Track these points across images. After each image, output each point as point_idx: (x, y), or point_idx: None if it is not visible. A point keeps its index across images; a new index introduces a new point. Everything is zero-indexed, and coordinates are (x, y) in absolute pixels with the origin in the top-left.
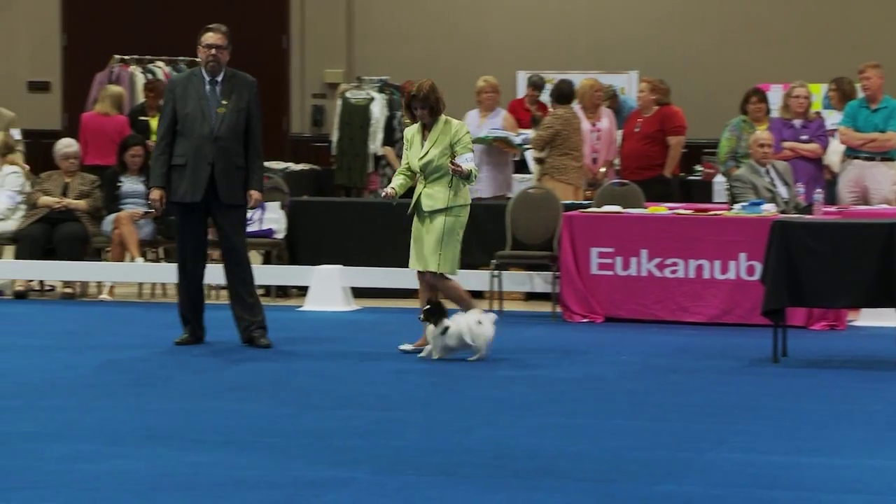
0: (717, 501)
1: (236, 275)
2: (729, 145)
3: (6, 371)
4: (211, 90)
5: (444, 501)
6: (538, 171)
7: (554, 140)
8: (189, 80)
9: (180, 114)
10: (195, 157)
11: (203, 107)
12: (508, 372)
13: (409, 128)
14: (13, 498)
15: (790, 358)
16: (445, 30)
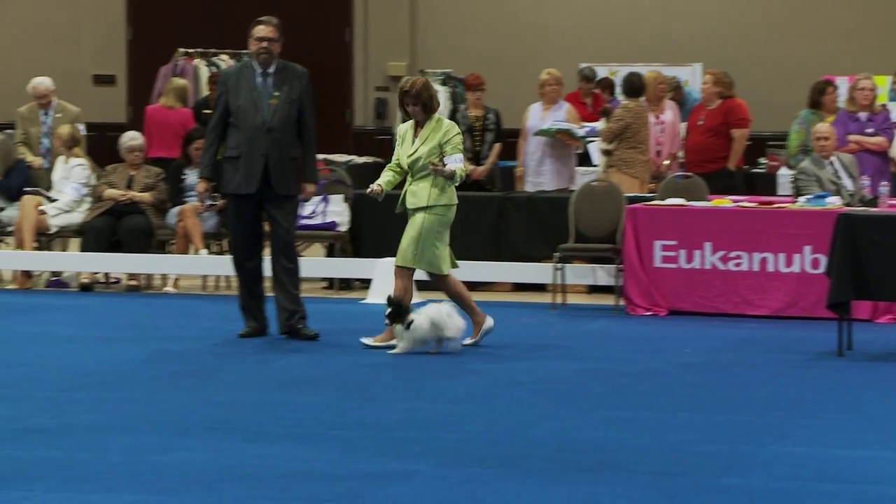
0: (779, 495)
1: (284, 265)
2: (799, 139)
3: (71, 363)
4: (262, 82)
5: (506, 494)
6: (604, 164)
7: (623, 133)
8: (241, 72)
9: (232, 106)
10: (248, 148)
11: (255, 98)
12: (571, 365)
13: (403, 124)
14: (80, 489)
15: (855, 352)
16: (508, 22)
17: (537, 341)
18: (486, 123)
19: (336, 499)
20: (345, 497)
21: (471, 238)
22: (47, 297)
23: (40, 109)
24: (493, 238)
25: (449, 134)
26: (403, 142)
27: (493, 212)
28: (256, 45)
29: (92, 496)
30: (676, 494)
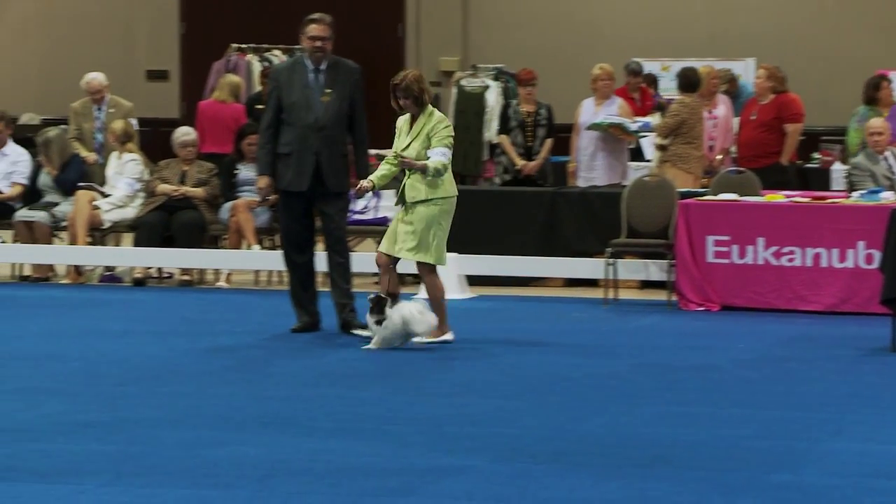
0: (833, 491)
1: (336, 260)
2: (859, 136)
3: (125, 357)
4: (314, 78)
5: (558, 489)
6: (658, 158)
7: (679, 128)
8: (293, 68)
9: (285, 102)
10: (300, 146)
11: (307, 95)
12: (623, 360)
13: (401, 117)
14: (132, 483)
15: None
16: (560, 17)
17: (589, 337)
18: (538, 119)
19: (388, 494)
20: (397, 492)
21: (523, 233)
22: (100, 291)
23: (93, 105)
24: (545, 233)
25: (438, 127)
26: (400, 135)
27: (545, 207)
28: (310, 43)
29: (144, 490)
30: (729, 490)
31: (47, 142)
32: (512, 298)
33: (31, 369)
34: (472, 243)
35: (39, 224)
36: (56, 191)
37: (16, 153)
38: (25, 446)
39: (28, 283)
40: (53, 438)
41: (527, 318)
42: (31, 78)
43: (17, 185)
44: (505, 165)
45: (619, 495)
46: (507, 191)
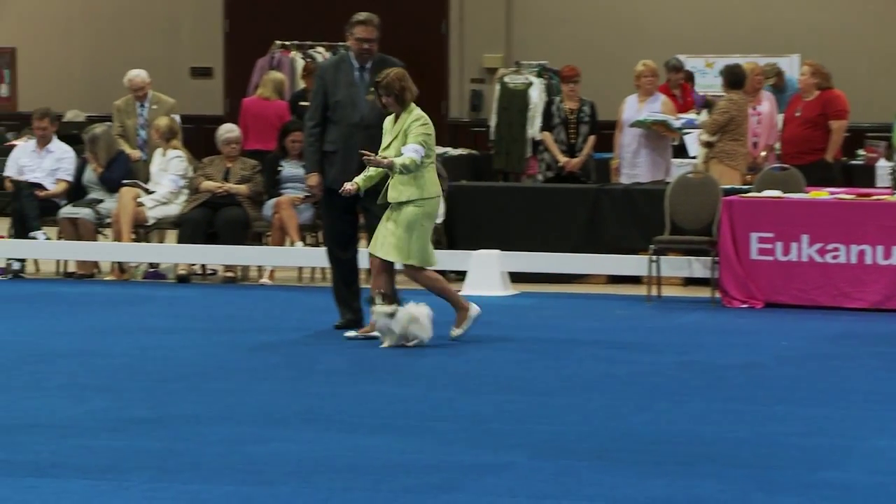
0: (878, 489)
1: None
2: None
3: (169, 354)
4: (360, 77)
5: (601, 487)
6: (704, 155)
7: (727, 125)
8: (338, 66)
9: (331, 101)
10: (346, 144)
11: (353, 94)
12: (666, 358)
13: (388, 117)
14: (176, 479)
15: None
16: (604, 13)
17: (632, 334)
18: (581, 115)
19: (431, 490)
20: (439, 488)
21: (565, 230)
22: (145, 288)
23: (136, 102)
24: (588, 230)
25: (414, 125)
26: (385, 135)
27: (588, 204)
28: (357, 45)
29: (188, 486)
30: (773, 488)
31: (94, 138)
32: (554, 295)
33: (75, 366)
34: (515, 240)
35: (84, 221)
36: (101, 188)
37: (60, 150)
38: (70, 442)
39: (73, 279)
40: (97, 435)
41: (569, 315)
42: (76, 75)
43: (61, 182)
44: (548, 162)
45: (662, 493)
46: (550, 187)
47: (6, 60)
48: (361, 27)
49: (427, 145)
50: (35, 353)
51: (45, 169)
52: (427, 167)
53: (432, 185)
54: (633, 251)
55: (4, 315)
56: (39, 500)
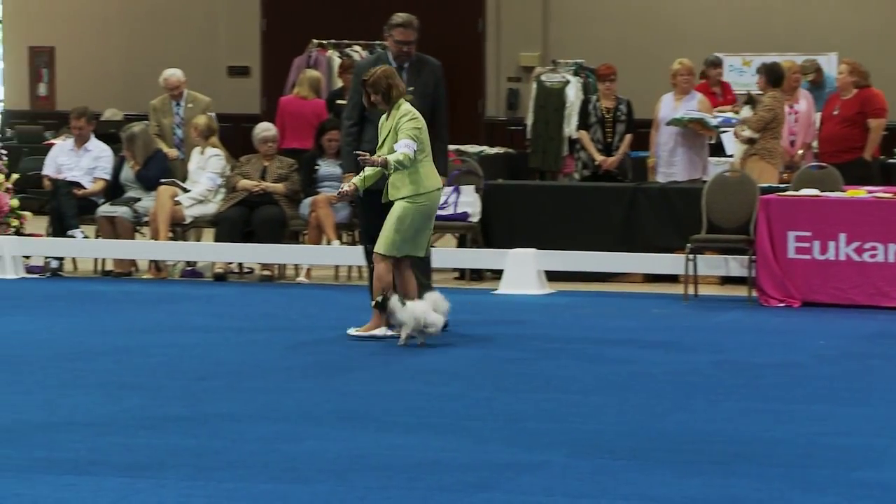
0: None
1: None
2: None
3: (205, 352)
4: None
5: (638, 486)
6: (743, 152)
7: (771, 122)
8: (376, 65)
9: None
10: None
11: None
12: (703, 357)
13: (382, 116)
14: (212, 477)
15: None
16: (640, 11)
17: (669, 333)
18: (618, 114)
19: (466, 489)
20: (475, 487)
21: (602, 229)
22: (182, 286)
23: (172, 101)
24: (625, 229)
25: (402, 120)
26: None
27: (625, 202)
28: (396, 47)
29: (225, 484)
30: (811, 487)
31: (132, 137)
32: (591, 294)
33: (113, 364)
34: (552, 239)
35: (121, 219)
36: (138, 186)
37: (98, 149)
38: (107, 440)
39: (110, 278)
40: (135, 433)
41: (606, 314)
42: (114, 74)
43: (99, 181)
44: (584, 161)
45: (699, 492)
46: (587, 186)
47: (45, 60)
48: (400, 30)
49: (419, 139)
50: (73, 351)
51: (83, 167)
52: (422, 161)
53: (427, 179)
54: (670, 250)
55: (43, 313)
56: (77, 498)
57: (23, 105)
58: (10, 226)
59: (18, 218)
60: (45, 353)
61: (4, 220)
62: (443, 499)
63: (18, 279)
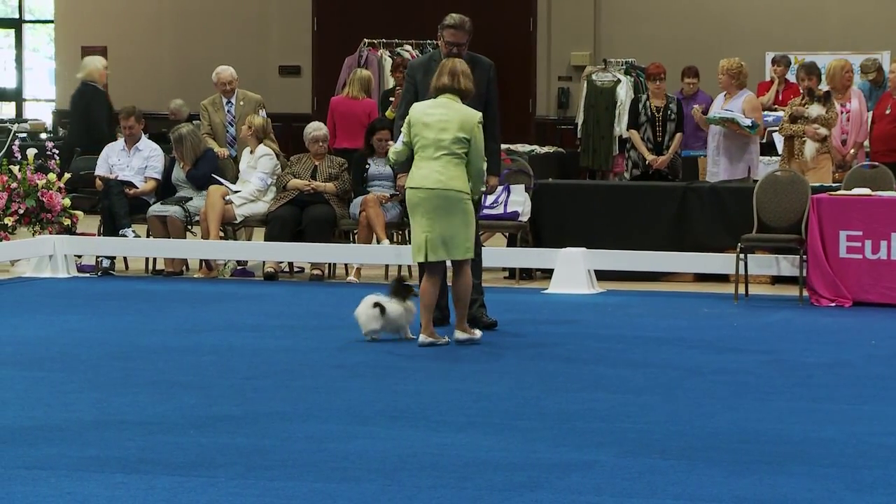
0: None
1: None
2: None
3: (256, 351)
4: None
5: (688, 486)
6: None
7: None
8: (429, 65)
9: (421, 99)
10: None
11: None
12: (754, 356)
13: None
14: (262, 476)
15: None
16: (691, 9)
17: (719, 332)
18: (668, 113)
19: (515, 488)
20: (524, 486)
21: (652, 228)
22: (232, 285)
23: (223, 98)
24: (675, 228)
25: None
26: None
27: (675, 202)
28: (447, 48)
29: (274, 483)
30: (862, 488)
31: (180, 138)
32: (641, 293)
33: (164, 363)
34: (602, 238)
35: (173, 218)
36: (189, 185)
37: (149, 148)
38: (158, 439)
39: (161, 277)
40: (185, 431)
41: (656, 313)
42: (166, 73)
43: (150, 180)
44: (634, 160)
45: (749, 492)
46: (637, 185)
47: None
48: (451, 31)
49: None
50: (124, 350)
51: (134, 167)
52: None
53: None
54: (721, 249)
55: (94, 312)
56: (128, 496)
57: None
58: (63, 225)
59: (70, 217)
60: (96, 352)
61: (56, 220)
62: (492, 498)
63: (70, 278)
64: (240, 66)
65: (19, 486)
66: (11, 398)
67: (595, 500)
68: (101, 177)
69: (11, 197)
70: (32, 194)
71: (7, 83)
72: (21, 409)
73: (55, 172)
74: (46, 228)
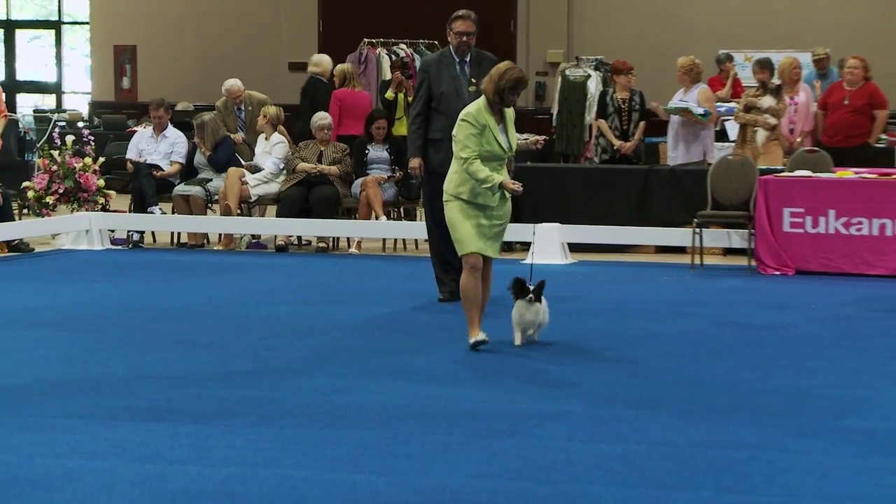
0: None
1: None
2: None
3: (269, 314)
4: (461, 70)
5: (648, 432)
6: (766, 138)
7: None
8: (440, 61)
9: (435, 92)
10: (450, 132)
11: (456, 86)
12: (708, 319)
13: (484, 110)
14: (274, 424)
15: None
16: (653, 12)
17: (677, 298)
18: (632, 104)
19: (496, 434)
20: (504, 433)
21: (619, 206)
22: (248, 256)
23: (234, 105)
24: (639, 205)
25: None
26: (493, 129)
27: (639, 183)
28: (457, 38)
29: (285, 430)
30: (803, 434)
31: (202, 125)
32: (608, 264)
33: (187, 325)
34: (574, 215)
35: (195, 197)
36: (209, 168)
37: (174, 135)
38: (182, 391)
39: (185, 249)
40: (206, 385)
41: (621, 281)
42: (189, 69)
43: (175, 164)
44: (603, 146)
45: (702, 437)
46: (605, 168)
47: (128, 57)
48: (460, 21)
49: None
50: (152, 313)
51: (161, 152)
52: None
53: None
54: (679, 224)
55: (126, 280)
56: (156, 441)
57: (108, 97)
58: (98, 203)
59: (104, 196)
60: (127, 316)
61: (92, 198)
62: (477, 443)
63: (104, 250)
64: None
65: (60, 433)
66: (53, 356)
67: (566, 444)
68: (132, 160)
69: (52, 178)
70: (71, 176)
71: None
72: (61, 366)
73: (91, 157)
74: (83, 206)
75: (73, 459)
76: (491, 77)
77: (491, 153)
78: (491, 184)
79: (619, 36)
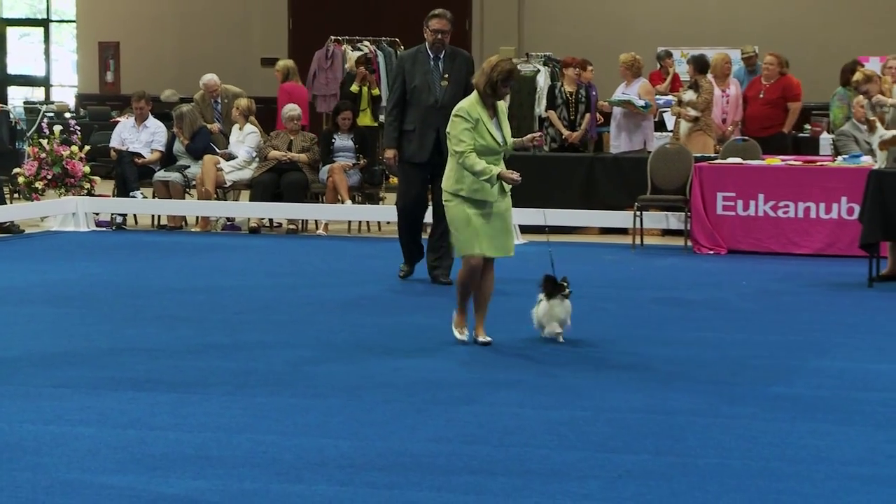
0: (820, 401)
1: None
2: (842, 112)
3: (242, 290)
4: (434, 66)
5: (593, 398)
6: (690, 129)
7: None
8: (416, 56)
9: (409, 86)
10: (423, 123)
11: (429, 80)
12: (647, 294)
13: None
14: (248, 393)
15: (882, 284)
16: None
17: (619, 275)
18: (579, 97)
19: (454, 402)
20: (461, 401)
21: (566, 191)
22: (223, 238)
23: (210, 99)
24: (584, 190)
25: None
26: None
27: (585, 169)
28: (432, 35)
29: (258, 399)
30: (735, 400)
31: (181, 115)
32: (556, 244)
33: (166, 301)
34: (525, 199)
35: (174, 183)
36: (187, 156)
37: (154, 125)
38: (162, 363)
39: (164, 231)
40: (184, 356)
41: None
42: (168, 63)
43: (156, 152)
44: (552, 136)
45: (643, 403)
46: (554, 156)
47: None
48: (436, 19)
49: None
50: (133, 290)
51: (143, 141)
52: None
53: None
54: (621, 207)
55: (109, 260)
56: (138, 409)
57: (93, 90)
58: (83, 188)
59: (90, 182)
60: (110, 292)
61: (78, 184)
62: (436, 409)
63: (90, 231)
64: (228, 57)
65: (47, 402)
66: (42, 330)
67: (518, 411)
68: (115, 149)
69: (41, 165)
70: (58, 163)
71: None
72: (49, 339)
73: (77, 145)
74: (70, 191)
75: (60, 426)
76: (483, 70)
77: (485, 147)
78: (488, 175)
79: (567, 34)
